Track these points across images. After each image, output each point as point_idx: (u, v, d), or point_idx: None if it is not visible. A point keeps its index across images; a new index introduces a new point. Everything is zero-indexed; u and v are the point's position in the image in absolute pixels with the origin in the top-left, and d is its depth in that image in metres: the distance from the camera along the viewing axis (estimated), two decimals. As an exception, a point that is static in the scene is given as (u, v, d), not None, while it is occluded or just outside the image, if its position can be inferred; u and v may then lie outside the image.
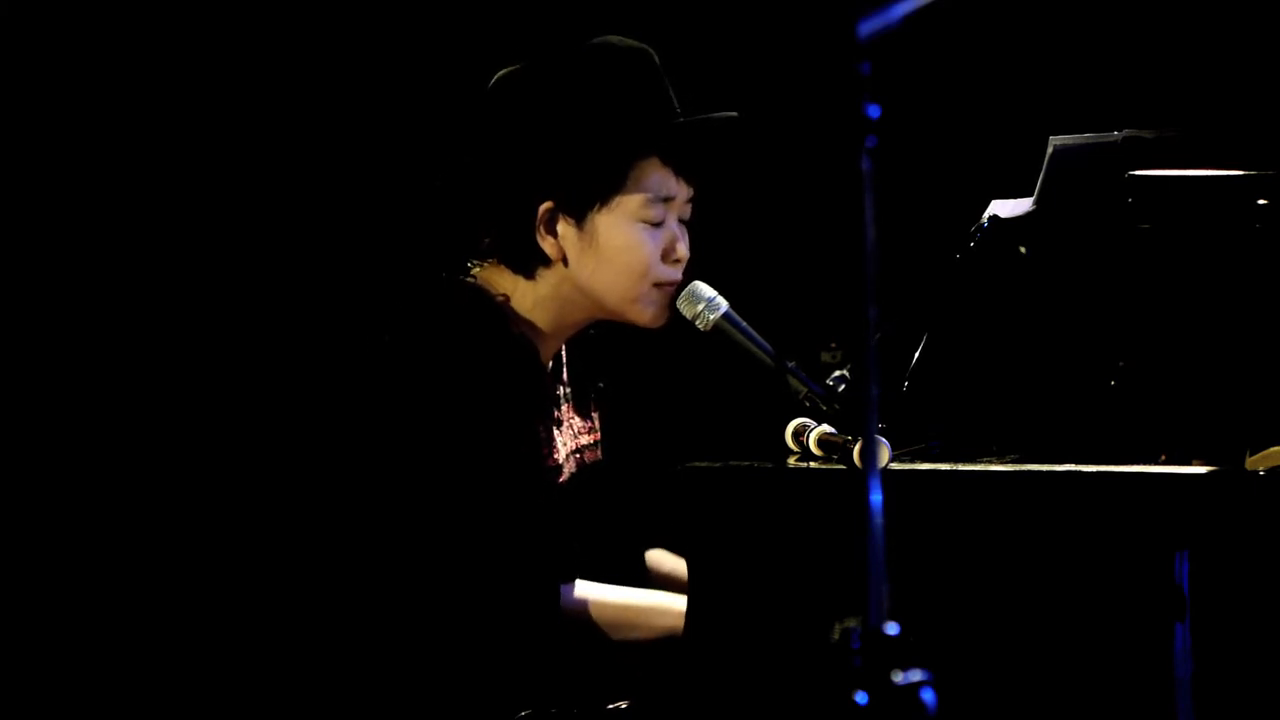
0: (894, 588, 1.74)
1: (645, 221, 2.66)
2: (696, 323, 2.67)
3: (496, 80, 2.71)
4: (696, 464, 2.52)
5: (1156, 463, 2.46)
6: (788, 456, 2.59)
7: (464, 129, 2.74)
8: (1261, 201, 2.59)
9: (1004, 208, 2.73)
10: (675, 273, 2.69)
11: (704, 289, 2.68)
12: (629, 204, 2.65)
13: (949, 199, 3.15)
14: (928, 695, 1.70)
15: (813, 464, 2.54)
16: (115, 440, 3.82)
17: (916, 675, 1.70)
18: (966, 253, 2.70)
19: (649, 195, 2.65)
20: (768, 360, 2.64)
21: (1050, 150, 2.72)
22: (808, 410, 2.59)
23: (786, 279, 4.17)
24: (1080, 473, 2.37)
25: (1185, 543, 2.31)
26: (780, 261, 4.19)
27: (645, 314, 2.69)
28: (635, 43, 2.71)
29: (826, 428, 2.56)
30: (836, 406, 2.58)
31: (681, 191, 2.69)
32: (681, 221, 2.71)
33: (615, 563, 2.79)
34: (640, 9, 4.09)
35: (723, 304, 2.67)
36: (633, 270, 2.66)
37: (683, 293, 2.68)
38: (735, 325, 2.66)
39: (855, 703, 1.69)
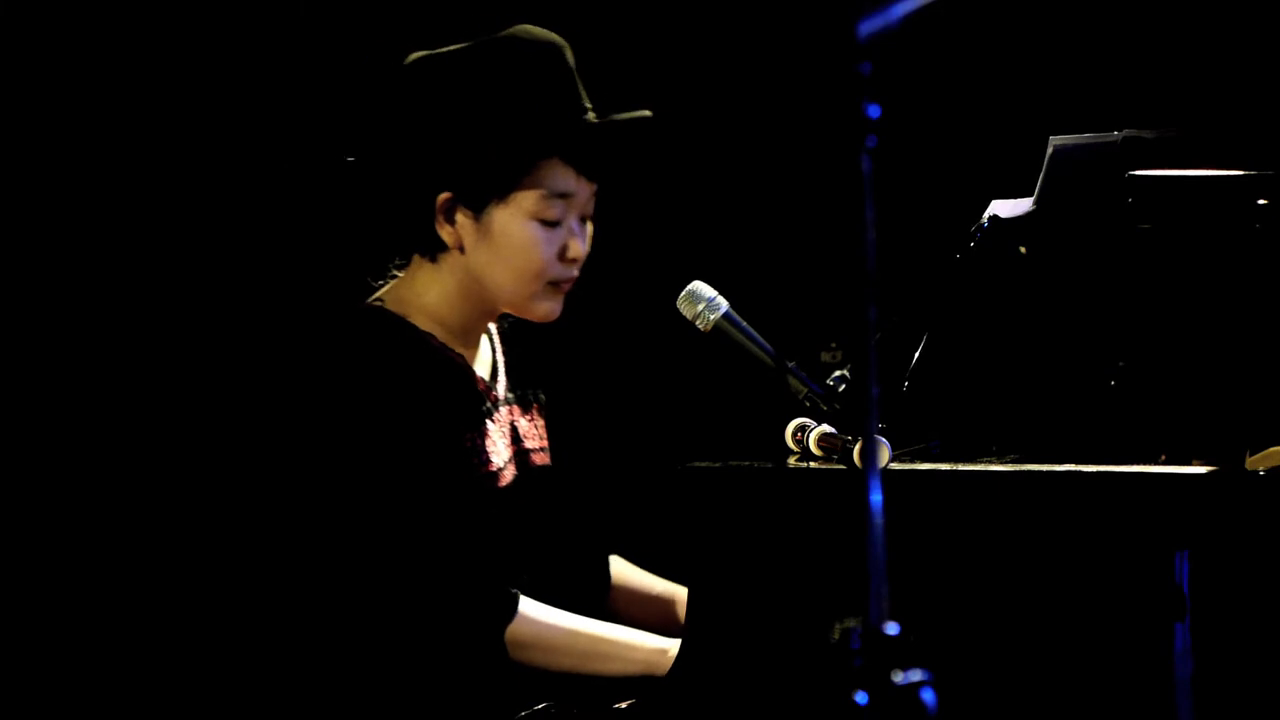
0: (894, 588, 1.74)
1: (542, 219, 2.64)
2: (696, 323, 2.67)
3: (409, 62, 2.69)
4: (696, 464, 2.51)
5: (1156, 463, 2.46)
6: (788, 456, 2.58)
7: (373, 108, 2.74)
8: (1261, 201, 2.59)
9: (1004, 208, 2.72)
10: (570, 271, 2.68)
11: (704, 289, 2.68)
12: (526, 200, 2.63)
13: (949, 199, 3.15)
14: (928, 695, 1.70)
15: (813, 464, 2.54)
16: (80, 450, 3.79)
17: (916, 675, 1.70)
18: (966, 253, 2.70)
19: (547, 192, 2.63)
20: (768, 360, 2.63)
21: (1050, 150, 2.71)
22: (808, 410, 2.59)
23: (786, 279, 4.17)
24: (1080, 473, 2.36)
25: (1185, 543, 2.31)
26: (780, 261, 4.19)
27: (538, 310, 2.68)
28: (549, 34, 2.68)
29: (826, 428, 2.56)
30: (836, 406, 2.58)
31: (582, 190, 2.66)
32: (584, 217, 2.69)
33: (570, 566, 2.76)
34: (641, 9, 4.10)
35: (723, 304, 2.67)
36: (527, 269, 2.64)
37: (683, 293, 2.68)
38: (735, 325, 2.66)
39: (855, 703, 1.69)
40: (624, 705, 2.55)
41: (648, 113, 2.68)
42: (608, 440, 3.97)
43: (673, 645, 2.55)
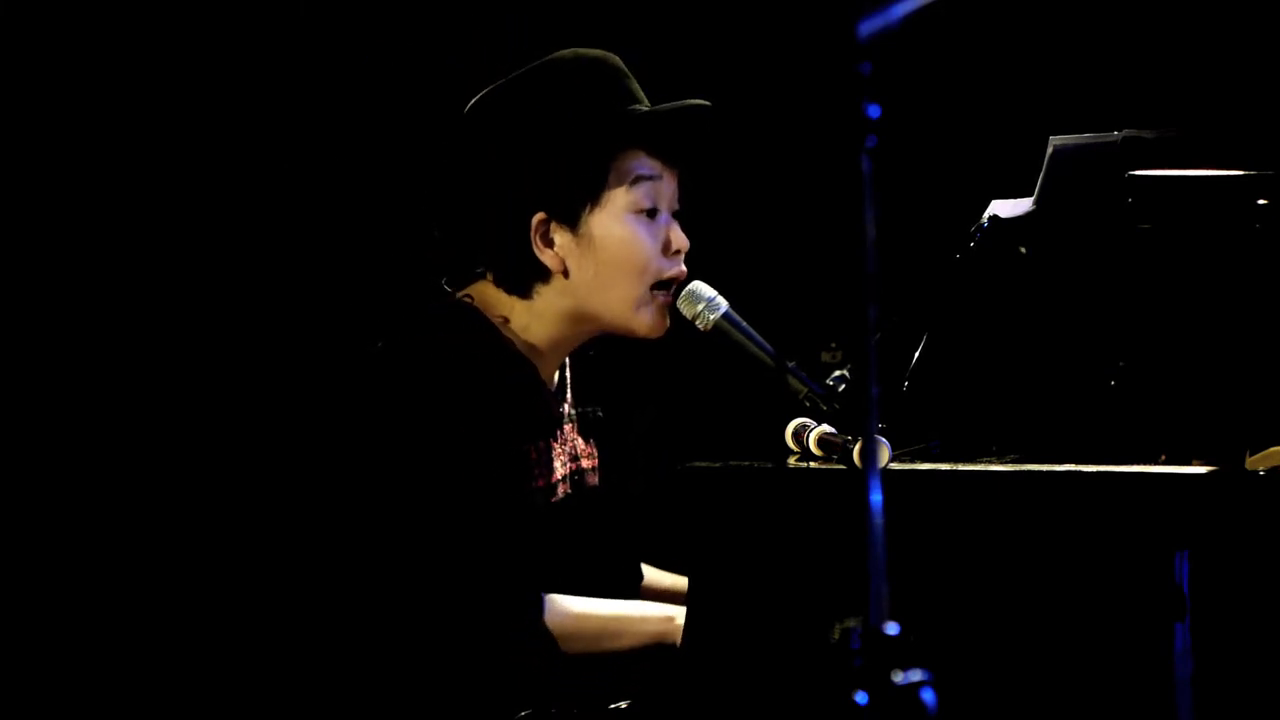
0: (894, 588, 1.74)
1: (637, 211, 2.65)
2: (696, 323, 2.67)
3: (471, 105, 2.71)
4: (696, 464, 2.51)
5: (1156, 463, 2.46)
6: (788, 456, 2.58)
7: (447, 156, 2.74)
8: (1261, 201, 2.59)
9: (1004, 208, 2.72)
10: (676, 264, 2.69)
11: (704, 289, 2.68)
12: (617, 196, 2.64)
13: (949, 199, 3.16)
14: (928, 695, 1.70)
15: (813, 464, 2.54)
16: (99, 443, 3.80)
17: (916, 675, 1.70)
18: (966, 253, 2.70)
19: (634, 178, 2.64)
20: (768, 360, 2.64)
21: (1050, 150, 2.72)
22: (808, 410, 2.59)
23: (786, 279, 4.17)
24: (1080, 473, 2.36)
25: (1185, 543, 2.31)
26: (780, 261, 4.19)
27: (646, 320, 2.67)
28: (598, 50, 2.70)
29: (826, 428, 2.56)
30: (836, 406, 2.58)
31: (666, 177, 2.68)
32: (673, 215, 2.71)
33: (608, 586, 2.76)
34: (641, 9, 4.10)
35: (723, 304, 2.67)
36: (634, 265, 2.65)
37: (683, 293, 2.68)
38: (735, 325, 2.66)
39: (855, 703, 1.69)
40: (624, 705, 2.55)
41: (705, 102, 2.70)
42: (607, 440, 3.97)
43: (679, 612, 2.56)
